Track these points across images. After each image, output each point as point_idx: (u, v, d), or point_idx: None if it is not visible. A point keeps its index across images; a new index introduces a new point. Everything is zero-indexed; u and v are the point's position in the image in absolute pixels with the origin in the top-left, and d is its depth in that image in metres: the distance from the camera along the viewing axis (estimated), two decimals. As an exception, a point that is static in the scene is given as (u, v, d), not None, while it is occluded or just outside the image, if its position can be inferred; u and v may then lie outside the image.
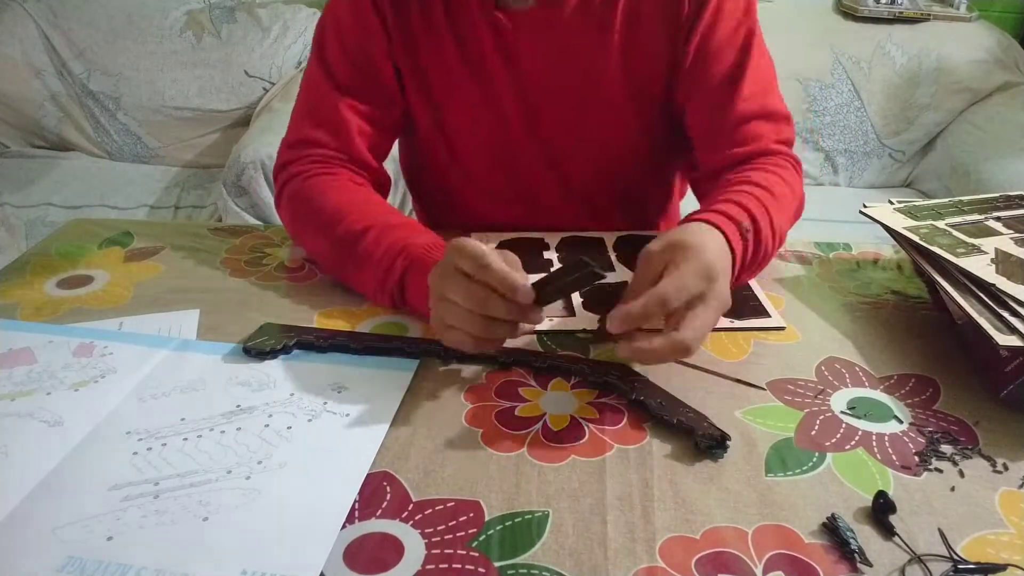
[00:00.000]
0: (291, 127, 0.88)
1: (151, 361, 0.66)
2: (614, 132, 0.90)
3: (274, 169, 0.88)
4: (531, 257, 0.84)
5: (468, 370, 0.66)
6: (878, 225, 0.78)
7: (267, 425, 0.59)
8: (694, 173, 0.92)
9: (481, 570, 0.47)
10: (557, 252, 0.86)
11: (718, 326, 0.72)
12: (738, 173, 0.81)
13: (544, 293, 0.59)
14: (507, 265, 0.59)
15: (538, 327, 0.69)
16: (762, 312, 0.75)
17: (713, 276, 0.59)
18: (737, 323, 0.73)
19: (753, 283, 0.80)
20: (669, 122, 0.90)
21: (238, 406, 0.61)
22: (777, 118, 0.85)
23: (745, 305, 0.76)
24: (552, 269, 0.69)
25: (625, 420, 0.60)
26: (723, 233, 0.66)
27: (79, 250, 0.86)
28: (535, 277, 0.60)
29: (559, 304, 0.75)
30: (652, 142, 0.92)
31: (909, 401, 0.63)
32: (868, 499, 0.52)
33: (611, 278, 0.80)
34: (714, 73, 0.83)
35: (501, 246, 0.86)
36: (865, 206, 0.80)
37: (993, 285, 0.64)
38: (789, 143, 0.85)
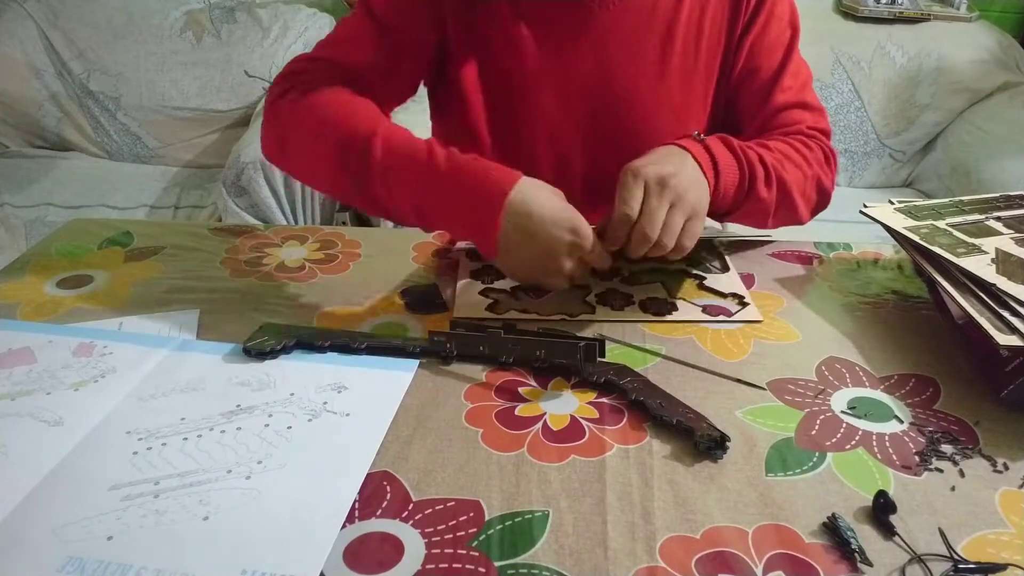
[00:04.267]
0: (313, 51, 0.85)
1: (151, 361, 0.66)
2: (674, 127, 0.89)
3: (276, 77, 0.84)
4: None
5: (468, 370, 0.66)
6: (878, 225, 0.78)
7: (267, 425, 0.59)
8: None
9: (481, 570, 0.47)
10: None
11: (707, 320, 0.73)
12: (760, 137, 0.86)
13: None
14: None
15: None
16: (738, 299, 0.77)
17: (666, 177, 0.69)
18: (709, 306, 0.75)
19: (737, 280, 0.81)
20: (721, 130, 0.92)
21: (238, 406, 0.61)
22: (814, 109, 0.90)
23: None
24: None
25: (625, 420, 0.60)
26: (690, 152, 0.74)
27: (79, 250, 0.86)
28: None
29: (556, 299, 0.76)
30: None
31: (909, 401, 0.63)
32: (868, 499, 0.52)
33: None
34: (760, 70, 0.88)
35: None
36: (865, 206, 0.80)
37: (993, 285, 0.64)
38: (826, 133, 0.90)
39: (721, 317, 0.74)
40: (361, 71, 0.81)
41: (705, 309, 0.75)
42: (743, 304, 0.76)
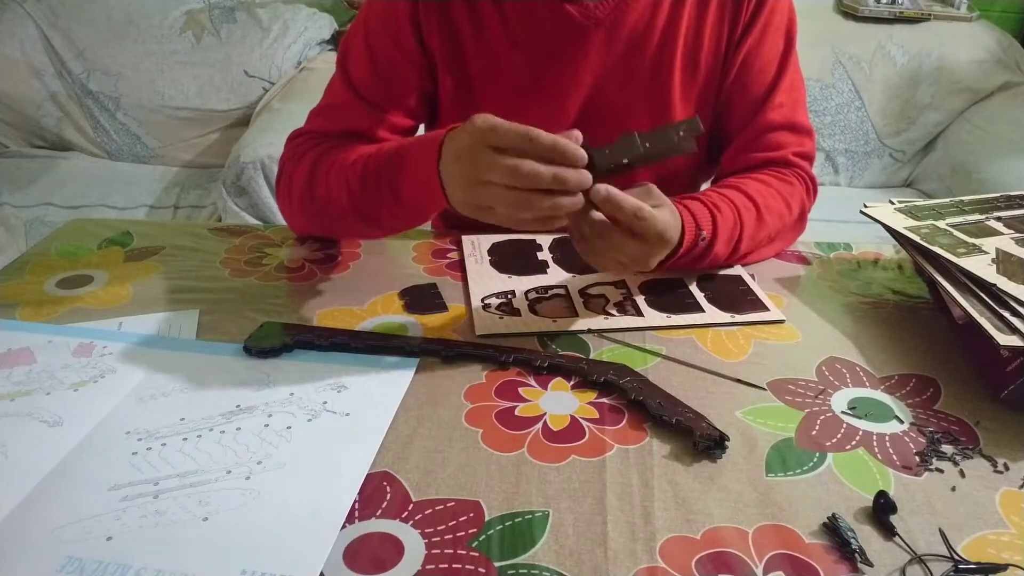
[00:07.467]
0: (305, 123, 0.89)
1: (151, 361, 0.66)
2: None
3: (280, 160, 0.88)
4: (525, 259, 0.84)
5: (468, 370, 0.66)
6: (879, 225, 0.78)
7: (267, 425, 0.59)
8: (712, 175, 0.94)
9: (481, 570, 0.47)
10: (551, 253, 0.86)
11: (719, 322, 0.73)
12: (741, 177, 0.84)
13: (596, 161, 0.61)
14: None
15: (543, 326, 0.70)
16: (760, 306, 0.75)
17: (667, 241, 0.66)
18: (737, 317, 0.73)
19: (749, 280, 0.80)
20: (709, 139, 0.91)
21: (238, 406, 0.61)
22: (801, 131, 0.88)
23: (743, 300, 0.76)
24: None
25: (625, 420, 0.60)
26: (683, 228, 0.71)
27: (79, 250, 0.86)
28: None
29: (562, 304, 0.75)
30: (695, 160, 0.92)
31: (910, 401, 0.63)
32: (869, 499, 0.52)
33: (603, 277, 0.80)
34: (752, 85, 0.87)
35: (493, 248, 0.86)
36: (866, 206, 0.80)
37: (994, 285, 0.64)
38: (808, 157, 0.89)
39: (746, 318, 0.73)
40: (351, 138, 0.84)
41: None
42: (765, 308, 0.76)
